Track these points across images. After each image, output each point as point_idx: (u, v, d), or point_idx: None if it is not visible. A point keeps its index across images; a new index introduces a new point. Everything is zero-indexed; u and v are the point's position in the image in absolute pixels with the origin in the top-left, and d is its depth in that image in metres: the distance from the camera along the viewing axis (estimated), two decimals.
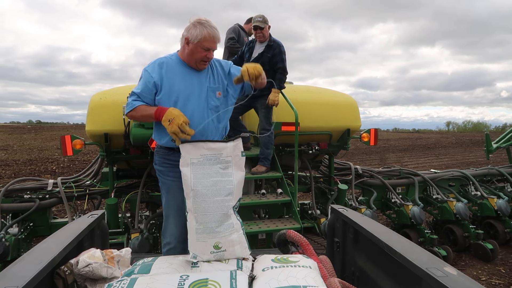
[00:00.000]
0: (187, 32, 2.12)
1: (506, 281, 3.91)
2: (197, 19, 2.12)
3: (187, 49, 2.16)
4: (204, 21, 2.12)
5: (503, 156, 8.15)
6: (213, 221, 1.82)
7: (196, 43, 2.11)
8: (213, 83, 2.28)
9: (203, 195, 1.82)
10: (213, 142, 1.90)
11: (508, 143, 6.10)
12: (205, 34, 2.09)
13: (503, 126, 46.85)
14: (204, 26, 2.10)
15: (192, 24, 2.11)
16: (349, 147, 4.76)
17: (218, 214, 1.83)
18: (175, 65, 2.22)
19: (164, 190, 2.37)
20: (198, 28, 2.09)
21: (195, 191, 1.82)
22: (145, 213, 4.34)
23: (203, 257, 1.78)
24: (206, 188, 1.82)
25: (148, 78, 2.17)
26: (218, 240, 1.80)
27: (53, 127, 35.99)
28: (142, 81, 2.19)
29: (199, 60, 2.17)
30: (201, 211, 1.82)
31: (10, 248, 3.51)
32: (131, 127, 3.58)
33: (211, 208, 1.82)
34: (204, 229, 1.80)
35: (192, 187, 1.82)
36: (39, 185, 4.28)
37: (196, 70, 2.24)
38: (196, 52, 2.14)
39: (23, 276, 1.20)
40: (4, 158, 13.43)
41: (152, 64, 2.22)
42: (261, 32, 3.82)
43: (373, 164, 12.79)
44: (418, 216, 4.39)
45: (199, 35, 2.09)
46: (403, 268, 1.40)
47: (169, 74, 2.19)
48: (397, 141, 24.17)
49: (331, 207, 2.30)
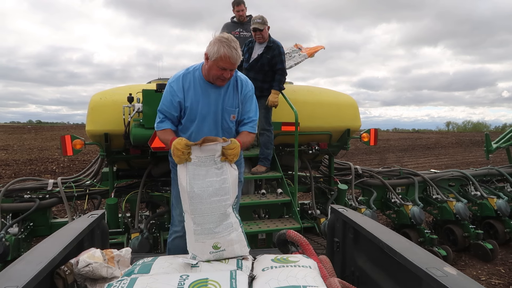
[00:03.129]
0: (208, 47, 2.13)
1: (506, 281, 3.91)
2: (220, 36, 2.10)
3: (206, 64, 2.18)
4: (225, 39, 2.07)
5: (503, 156, 8.15)
6: (211, 221, 1.81)
7: (213, 60, 2.10)
8: (229, 105, 2.29)
9: (199, 197, 1.82)
10: (207, 144, 1.89)
11: (508, 143, 6.09)
12: (221, 53, 2.06)
13: (503, 126, 46.87)
14: (222, 45, 2.06)
15: (213, 41, 2.10)
16: (349, 147, 4.76)
17: (216, 214, 1.82)
18: (197, 81, 2.25)
19: (176, 182, 2.37)
20: (216, 46, 2.07)
21: (191, 193, 1.82)
22: (145, 213, 4.34)
23: (202, 257, 1.78)
24: (202, 189, 1.82)
25: (173, 96, 2.24)
26: (217, 240, 1.80)
27: (53, 127, 35.99)
28: (167, 98, 2.26)
29: (216, 78, 2.19)
30: (198, 212, 1.81)
31: (10, 248, 3.50)
32: (131, 127, 3.58)
33: (208, 209, 1.82)
34: (202, 230, 1.81)
35: (188, 189, 1.82)
36: (39, 185, 4.28)
37: (215, 86, 2.26)
38: (213, 69, 2.14)
39: (23, 276, 1.20)
40: (4, 158, 13.42)
41: (176, 80, 2.26)
42: (260, 34, 3.81)
43: (373, 164, 12.79)
44: (418, 216, 4.39)
45: (215, 53, 2.07)
46: (403, 268, 1.40)
47: (190, 92, 2.23)
48: (397, 141, 24.17)
49: (331, 207, 2.30)
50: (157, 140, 3.37)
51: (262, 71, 3.88)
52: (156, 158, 4.00)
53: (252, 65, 3.91)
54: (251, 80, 2.50)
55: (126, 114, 3.63)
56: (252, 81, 2.54)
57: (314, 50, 4.75)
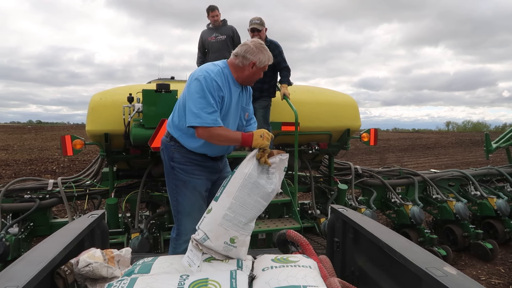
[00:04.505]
0: (254, 56, 2.18)
1: (506, 280, 3.91)
2: (258, 44, 2.21)
3: (249, 71, 2.22)
4: (263, 46, 2.22)
5: (503, 156, 8.15)
6: (245, 216, 1.77)
7: (262, 67, 2.23)
8: (246, 103, 2.41)
9: (251, 189, 1.78)
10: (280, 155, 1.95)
11: (508, 143, 6.09)
12: (270, 57, 2.24)
13: (503, 126, 46.86)
14: (267, 51, 2.22)
15: (257, 49, 2.18)
16: (349, 147, 4.76)
17: (252, 213, 1.79)
18: (229, 79, 2.25)
19: (187, 188, 2.32)
20: (265, 54, 2.20)
21: (246, 181, 1.78)
22: (145, 213, 4.35)
23: (213, 243, 1.70)
24: (257, 184, 1.81)
25: (219, 91, 2.13)
26: (237, 235, 1.74)
27: (54, 127, 36.00)
28: (214, 93, 2.10)
29: (253, 80, 2.31)
30: (240, 201, 1.76)
31: (10, 248, 3.51)
32: (131, 127, 3.58)
33: (250, 205, 1.78)
34: (233, 218, 1.74)
35: (246, 176, 1.79)
36: (39, 185, 4.28)
37: (237, 86, 2.30)
38: (257, 74, 2.26)
39: (23, 276, 1.20)
40: (4, 158, 13.42)
41: (219, 75, 2.16)
42: (258, 35, 3.84)
43: (373, 164, 12.79)
44: (418, 216, 4.39)
45: (266, 60, 2.21)
46: (403, 268, 1.40)
47: (225, 88, 2.22)
48: (397, 141, 24.17)
49: (331, 207, 2.30)
50: (157, 140, 3.37)
51: None
52: (156, 158, 4.01)
53: None
54: None
55: (126, 114, 3.63)
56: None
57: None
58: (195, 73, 2.18)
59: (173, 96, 3.66)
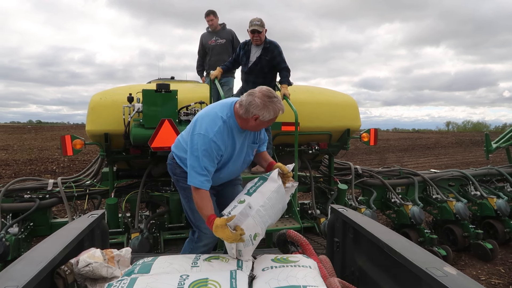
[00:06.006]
0: (258, 111, 2.01)
1: (506, 280, 3.91)
2: (265, 97, 2.00)
3: (253, 123, 2.07)
4: (270, 99, 2.01)
5: (503, 156, 8.15)
6: (272, 219, 1.95)
7: (267, 121, 2.06)
8: (253, 140, 2.29)
9: (278, 198, 1.98)
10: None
11: (508, 143, 6.09)
12: (276, 111, 2.04)
13: (503, 126, 46.82)
14: (275, 104, 2.01)
15: (262, 104, 1.99)
16: (349, 147, 4.76)
17: (274, 218, 1.98)
18: (233, 129, 2.13)
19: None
20: (269, 110, 2.01)
21: (278, 191, 1.99)
22: (145, 213, 4.35)
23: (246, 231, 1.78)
24: (283, 196, 2.03)
25: (218, 151, 2.05)
26: (259, 233, 1.87)
27: (54, 127, 35.99)
28: (212, 154, 2.03)
29: (259, 128, 2.19)
30: (271, 203, 1.92)
31: (10, 248, 3.51)
32: (131, 127, 3.58)
33: (276, 209, 1.97)
34: (263, 216, 1.87)
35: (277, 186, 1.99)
36: (39, 185, 4.28)
37: (242, 131, 2.18)
38: (262, 125, 2.11)
39: (23, 276, 1.20)
40: (4, 158, 13.42)
41: (219, 135, 2.06)
42: (259, 36, 3.84)
43: (373, 164, 12.79)
44: (417, 216, 4.39)
45: (272, 115, 2.03)
46: (403, 268, 1.40)
47: (230, 142, 2.13)
48: (397, 141, 24.17)
49: (331, 207, 2.30)
50: (157, 140, 3.37)
51: (262, 73, 3.92)
52: (156, 158, 4.01)
53: (252, 69, 3.93)
54: (252, 84, 2.51)
55: (126, 114, 3.63)
56: (253, 84, 2.56)
57: None
58: (198, 123, 2.09)
59: (173, 96, 3.66)
